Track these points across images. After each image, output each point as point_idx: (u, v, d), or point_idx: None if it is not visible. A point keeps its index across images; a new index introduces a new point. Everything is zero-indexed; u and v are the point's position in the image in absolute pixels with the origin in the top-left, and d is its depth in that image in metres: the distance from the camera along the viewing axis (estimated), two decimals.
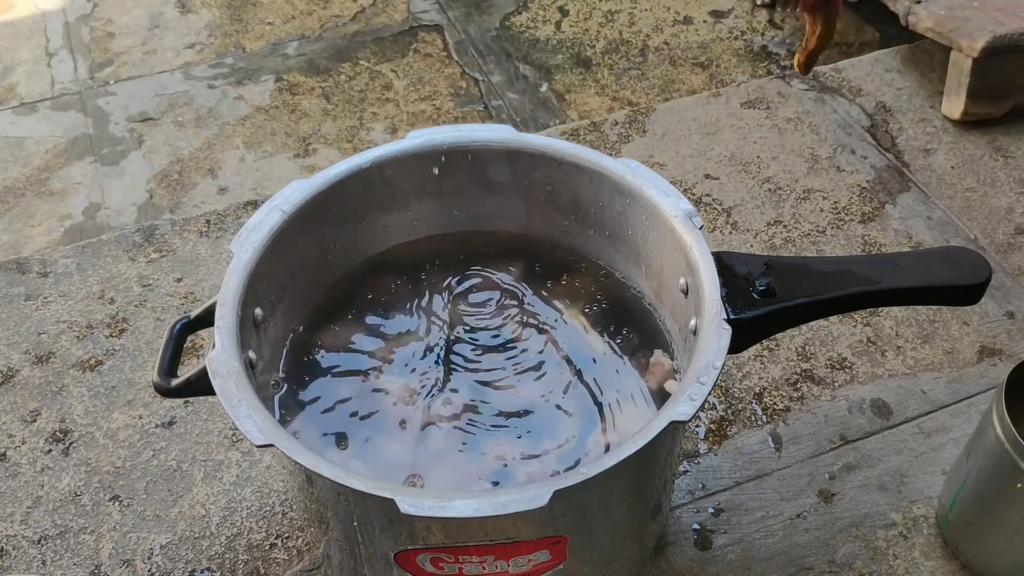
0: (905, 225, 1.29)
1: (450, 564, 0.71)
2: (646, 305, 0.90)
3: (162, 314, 1.18)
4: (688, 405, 0.67)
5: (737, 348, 0.75)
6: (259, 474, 1.00)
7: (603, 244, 0.92)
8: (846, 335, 1.14)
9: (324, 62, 1.83)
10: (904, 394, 1.08)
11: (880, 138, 1.44)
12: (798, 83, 1.54)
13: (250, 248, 0.79)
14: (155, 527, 0.96)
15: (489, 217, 0.95)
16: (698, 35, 1.87)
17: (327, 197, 0.86)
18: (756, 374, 1.10)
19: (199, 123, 1.69)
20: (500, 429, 0.80)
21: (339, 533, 0.78)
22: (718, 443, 1.03)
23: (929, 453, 1.02)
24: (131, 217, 1.51)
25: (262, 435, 0.66)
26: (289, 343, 0.86)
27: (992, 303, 1.18)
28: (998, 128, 1.45)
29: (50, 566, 0.93)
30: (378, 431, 0.80)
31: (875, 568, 0.92)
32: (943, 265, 0.80)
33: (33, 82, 1.80)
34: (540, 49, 1.86)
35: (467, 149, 0.90)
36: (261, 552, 0.94)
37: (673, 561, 0.93)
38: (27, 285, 1.22)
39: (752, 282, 0.77)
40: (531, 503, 0.62)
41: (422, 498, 0.63)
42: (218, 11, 1.99)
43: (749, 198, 1.33)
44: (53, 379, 1.10)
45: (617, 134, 1.45)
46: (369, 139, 1.65)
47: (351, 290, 0.91)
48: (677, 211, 0.82)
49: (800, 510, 0.97)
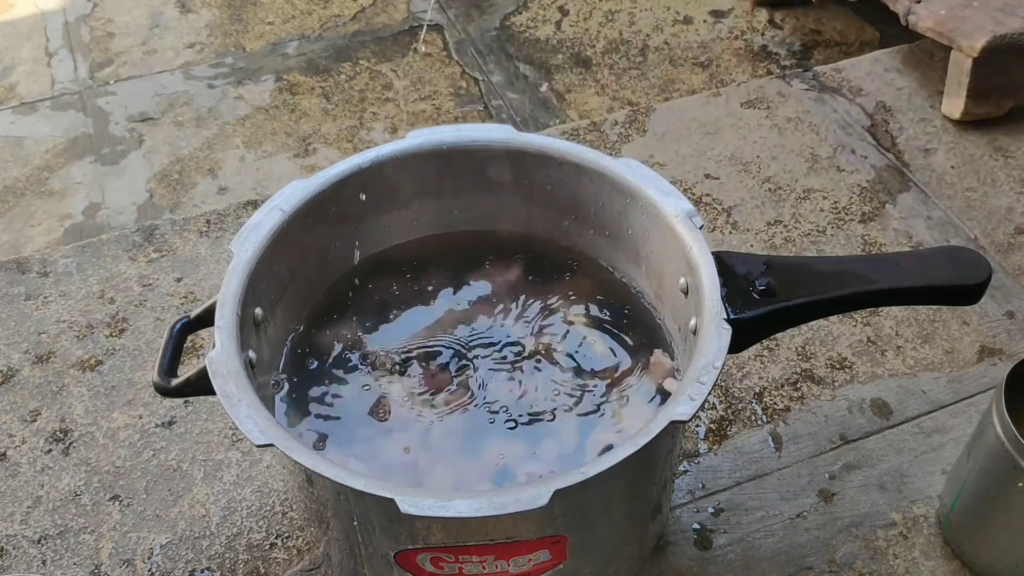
0: (905, 225, 1.29)
1: (450, 564, 0.71)
2: (646, 305, 0.90)
3: (162, 314, 1.18)
4: (688, 405, 0.67)
5: (737, 348, 0.75)
6: (259, 474, 1.00)
7: (603, 244, 0.92)
8: (846, 335, 1.14)
9: (324, 62, 1.83)
10: (904, 394, 1.08)
11: (880, 138, 1.44)
12: (798, 83, 1.54)
13: (250, 248, 0.79)
14: (155, 527, 0.96)
15: (489, 217, 0.95)
16: (698, 35, 1.87)
17: (327, 197, 0.86)
18: (756, 374, 1.10)
19: (199, 123, 1.69)
20: (500, 429, 0.80)
21: (339, 533, 0.78)
22: (718, 443, 1.03)
23: (929, 453, 1.02)
24: (131, 217, 1.51)
25: (262, 435, 0.66)
26: (289, 343, 0.86)
27: (992, 303, 1.18)
28: (998, 128, 1.45)
29: (50, 566, 0.93)
30: (378, 431, 0.80)
31: (875, 568, 0.92)
32: (943, 265, 0.80)
33: (33, 82, 1.80)
34: (540, 49, 1.86)
35: (467, 149, 0.90)
36: (261, 552, 0.94)
37: (673, 561, 0.93)
38: (27, 285, 1.21)
39: (752, 282, 0.77)
40: (531, 503, 0.62)
41: (422, 498, 0.63)
42: (218, 11, 1.99)
43: (749, 198, 1.33)
44: (53, 379, 1.10)
45: (617, 134, 1.45)
46: (369, 139, 1.65)
47: (351, 290, 0.91)
48: (677, 211, 0.82)
49: (800, 510, 0.97)
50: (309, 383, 0.83)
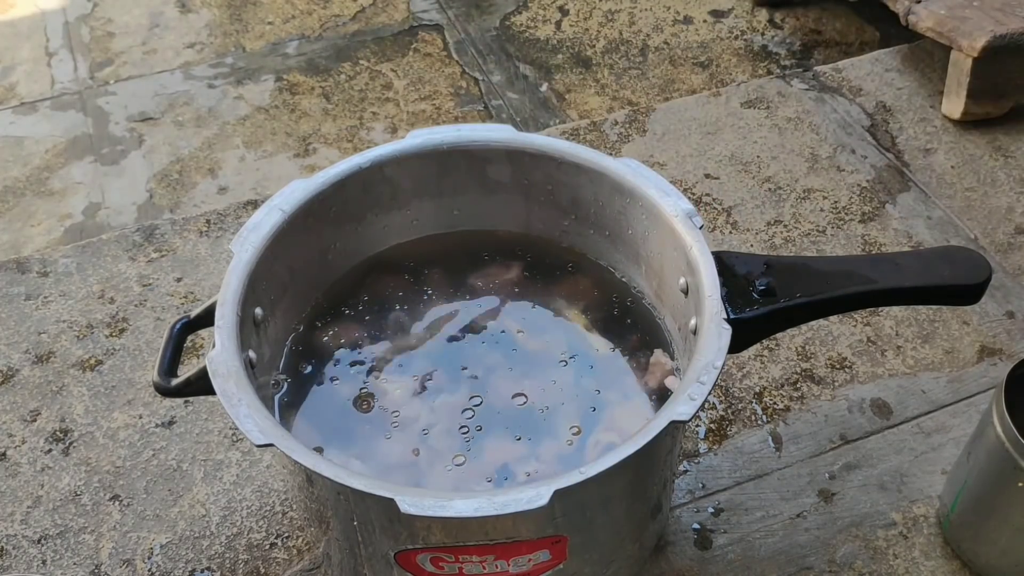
0: (905, 225, 1.29)
1: (450, 564, 0.71)
2: (646, 305, 0.90)
3: (162, 314, 1.18)
4: (688, 405, 0.67)
5: (737, 348, 0.75)
6: (259, 474, 1.00)
7: (603, 244, 0.92)
8: (846, 335, 1.14)
9: (324, 62, 1.83)
10: (904, 394, 1.08)
11: (880, 138, 1.44)
12: (798, 83, 1.54)
13: (250, 248, 0.79)
14: (155, 527, 0.96)
15: (489, 217, 0.95)
16: (698, 35, 1.87)
17: (327, 197, 0.86)
18: (756, 374, 1.10)
19: (199, 123, 1.69)
20: (500, 429, 0.80)
21: (339, 533, 0.78)
22: (718, 443, 1.03)
23: (929, 453, 1.02)
24: (131, 217, 1.51)
25: (262, 435, 0.66)
26: (289, 343, 0.86)
27: (992, 303, 1.18)
28: (998, 128, 1.45)
29: (50, 565, 0.93)
30: (378, 431, 0.80)
31: (875, 568, 0.92)
32: (943, 265, 0.80)
33: (33, 82, 1.80)
34: (540, 49, 1.86)
35: (467, 149, 0.90)
36: (261, 552, 0.94)
37: (673, 561, 0.93)
38: (27, 285, 1.22)
39: (752, 282, 0.77)
40: (531, 503, 0.62)
41: (422, 498, 0.63)
42: (218, 11, 1.99)
43: (749, 198, 1.33)
44: (53, 379, 1.10)
45: (617, 134, 1.45)
46: (369, 139, 1.65)
47: (351, 290, 0.91)
48: (677, 211, 0.82)
49: (800, 510, 0.97)
50: (309, 383, 0.83)
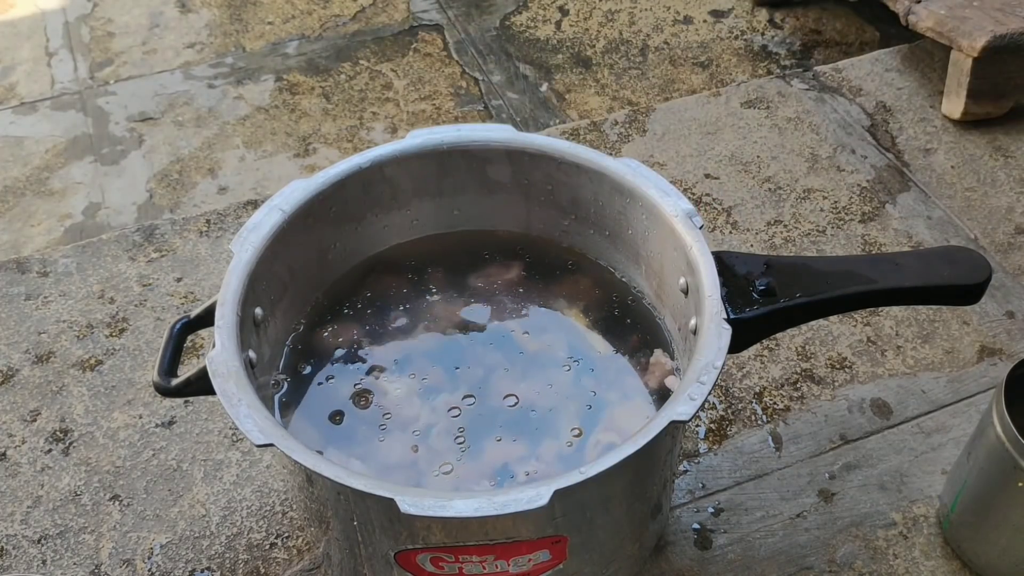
0: (905, 225, 1.29)
1: (450, 564, 0.71)
2: (646, 305, 0.90)
3: (162, 314, 1.18)
4: (688, 405, 0.67)
5: (737, 348, 0.75)
6: (259, 474, 1.00)
7: (603, 244, 0.92)
8: (846, 335, 1.14)
9: (324, 62, 1.83)
10: (904, 394, 1.08)
11: (880, 138, 1.44)
12: (798, 83, 1.54)
13: (250, 248, 0.79)
14: (155, 527, 0.96)
15: (489, 217, 0.95)
16: (698, 35, 1.87)
17: (327, 197, 0.86)
18: (756, 374, 1.10)
19: (199, 123, 1.69)
20: (500, 429, 0.80)
21: (339, 533, 0.78)
22: (718, 443, 1.03)
23: (929, 453, 1.02)
24: (131, 217, 1.51)
25: (262, 435, 0.66)
26: (289, 343, 0.86)
27: (992, 303, 1.18)
28: (998, 128, 1.45)
29: (50, 565, 0.93)
30: (378, 430, 0.80)
31: (875, 568, 0.92)
32: (943, 265, 0.80)
33: (33, 82, 1.80)
34: (540, 49, 1.86)
35: (467, 149, 0.90)
36: (261, 551, 0.94)
37: (673, 561, 0.93)
38: (27, 285, 1.22)
39: (752, 282, 0.77)
40: (531, 503, 0.62)
41: (422, 498, 0.63)
42: (218, 11, 1.99)
43: (749, 198, 1.33)
44: (53, 379, 1.10)
45: (617, 134, 1.45)
46: (369, 139, 1.65)
47: (351, 290, 0.91)
48: (677, 211, 0.82)
49: (800, 510, 0.97)
50: (309, 383, 0.83)
